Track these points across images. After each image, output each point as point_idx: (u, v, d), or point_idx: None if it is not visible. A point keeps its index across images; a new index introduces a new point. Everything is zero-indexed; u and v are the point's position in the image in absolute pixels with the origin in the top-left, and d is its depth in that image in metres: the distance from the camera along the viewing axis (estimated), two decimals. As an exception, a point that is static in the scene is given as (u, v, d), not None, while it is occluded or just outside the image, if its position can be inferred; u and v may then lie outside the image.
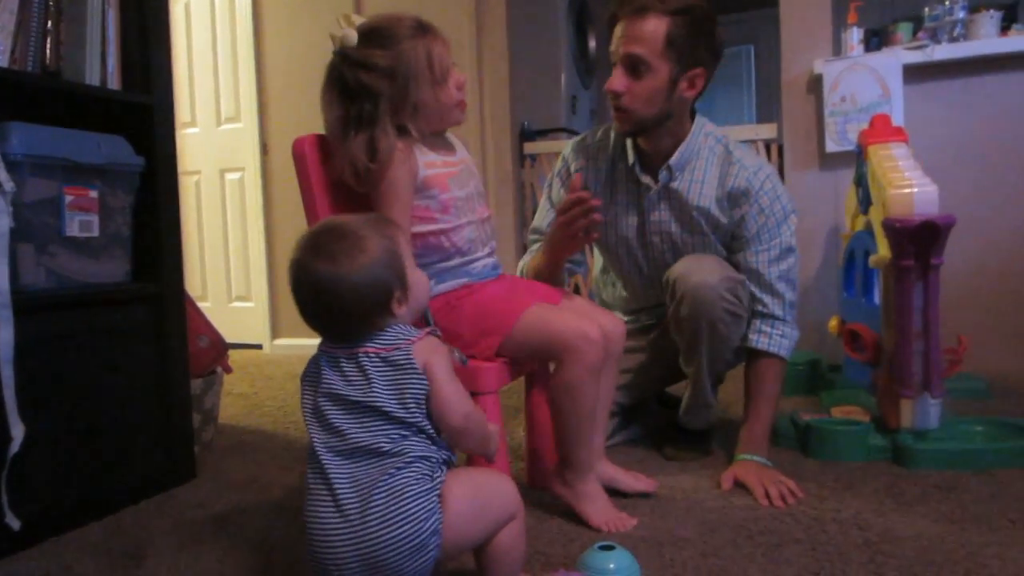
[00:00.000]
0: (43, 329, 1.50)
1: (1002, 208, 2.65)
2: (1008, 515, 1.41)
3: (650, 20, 1.61)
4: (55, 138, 1.55)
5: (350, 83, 1.35)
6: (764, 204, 1.74)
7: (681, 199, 1.77)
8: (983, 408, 2.14)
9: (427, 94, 1.38)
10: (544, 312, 1.41)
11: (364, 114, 1.34)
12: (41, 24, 1.57)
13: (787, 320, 1.76)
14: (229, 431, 2.29)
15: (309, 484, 1.02)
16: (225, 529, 1.51)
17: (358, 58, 1.35)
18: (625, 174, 1.83)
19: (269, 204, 3.88)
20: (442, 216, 1.42)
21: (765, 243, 1.75)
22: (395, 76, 1.34)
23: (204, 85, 3.99)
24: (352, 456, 1.00)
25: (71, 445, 1.56)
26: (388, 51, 1.34)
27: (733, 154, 1.76)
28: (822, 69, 2.76)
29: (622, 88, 1.65)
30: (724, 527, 1.41)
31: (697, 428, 1.88)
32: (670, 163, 1.75)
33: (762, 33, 5.92)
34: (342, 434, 1.01)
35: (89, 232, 1.63)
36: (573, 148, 1.92)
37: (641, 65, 1.62)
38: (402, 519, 0.95)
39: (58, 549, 1.44)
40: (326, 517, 0.97)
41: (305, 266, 1.04)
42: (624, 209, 1.84)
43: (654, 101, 1.66)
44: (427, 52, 1.36)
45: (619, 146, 1.84)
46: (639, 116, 1.67)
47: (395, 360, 1.03)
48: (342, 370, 1.04)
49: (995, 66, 2.63)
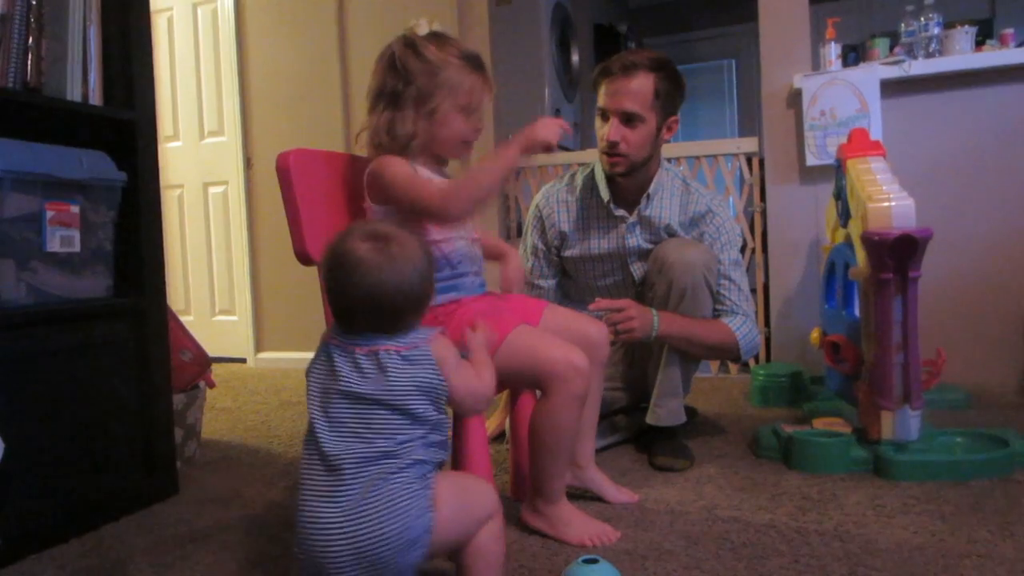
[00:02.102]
0: (24, 345, 1.49)
1: (978, 221, 2.69)
2: (987, 526, 1.42)
3: (639, 77, 1.85)
4: (36, 154, 1.54)
5: (396, 61, 1.43)
6: (719, 223, 2.01)
7: (652, 223, 2.01)
8: (962, 420, 2.16)
9: (449, 112, 1.44)
10: (530, 337, 1.41)
11: (395, 91, 1.42)
12: (22, 40, 1.56)
13: (750, 316, 1.98)
14: (212, 446, 2.27)
15: (304, 476, 1.04)
16: (208, 545, 1.50)
17: (415, 43, 1.43)
18: (597, 210, 2.05)
19: (253, 218, 3.87)
20: (435, 231, 1.45)
21: (724, 253, 1.98)
22: (434, 75, 1.41)
23: (187, 99, 3.98)
24: (353, 451, 1.02)
25: (52, 461, 1.54)
26: (441, 54, 1.42)
27: (690, 185, 2.04)
28: (801, 84, 2.80)
29: (619, 138, 1.87)
30: (707, 539, 1.42)
31: (668, 424, 1.91)
32: (648, 192, 1.98)
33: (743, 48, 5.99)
34: (346, 428, 1.03)
35: (70, 247, 1.62)
36: (543, 197, 2.13)
37: (635, 118, 1.86)
38: (398, 516, 0.99)
39: (38, 567, 1.43)
40: (322, 510, 1.00)
41: (360, 259, 1.06)
42: (598, 240, 2.06)
43: (645, 146, 1.90)
44: (471, 83, 1.45)
45: (587, 188, 2.06)
46: (632, 160, 1.91)
47: (414, 358, 1.06)
48: (358, 364, 1.06)
49: (970, 81, 2.67)
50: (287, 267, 3.49)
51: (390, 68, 1.44)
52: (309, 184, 1.46)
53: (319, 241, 1.47)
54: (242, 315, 3.92)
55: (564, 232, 2.07)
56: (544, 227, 2.09)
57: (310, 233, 1.45)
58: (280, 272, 3.76)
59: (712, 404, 2.57)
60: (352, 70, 3.63)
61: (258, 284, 3.88)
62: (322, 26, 3.65)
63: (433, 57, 1.41)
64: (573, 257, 2.08)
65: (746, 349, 1.95)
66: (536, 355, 1.38)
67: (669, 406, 1.92)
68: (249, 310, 3.88)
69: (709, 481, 1.75)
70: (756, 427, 2.06)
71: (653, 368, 1.95)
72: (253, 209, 3.86)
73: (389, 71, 1.44)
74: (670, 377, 1.91)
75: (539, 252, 2.11)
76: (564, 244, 2.08)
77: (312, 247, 1.45)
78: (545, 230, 2.09)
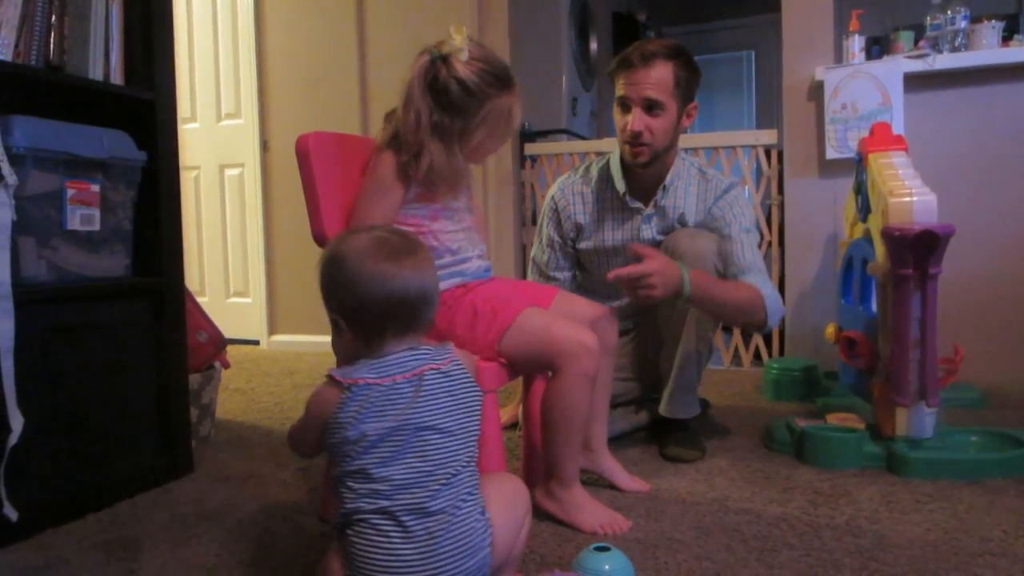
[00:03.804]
0: (43, 322, 1.50)
1: (1001, 219, 2.66)
2: (1001, 525, 1.42)
3: (658, 66, 1.83)
4: (58, 132, 1.55)
5: (440, 85, 1.38)
6: (732, 197, 1.96)
7: (667, 214, 1.99)
8: (978, 418, 2.15)
9: (486, 140, 1.45)
10: (540, 318, 1.43)
11: (443, 125, 1.40)
12: (45, 19, 1.57)
13: (768, 278, 1.91)
14: (226, 426, 2.29)
15: (363, 519, 0.97)
16: (222, 523, 1.52)
17: (458, 73, 1.37)
18: (612, 202, 2.03)
19: (268, 201, 3.88)
20: (430, 223, 1.48)
21: (737, 222, 1.92)
22: (480, 109, 1.40)
23: (205, 80, 3.99)
24: (415, 486, 0.97)
25: (69, 437, 1.56)
26: (486, 85, 1.39)
27: (707, 173, 2.01)
28: (823, 76, 2.77)
29: (643, 127, 1.85)
30: (718, 530, 1.42)
31: (683, 417, 1.92)
32: (665, 183, 1.96)
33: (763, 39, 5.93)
34: (405, 463, 0.98)
35: (90, 226, 1.63)
36: (559, 189, 2.12)
37: (657, 106, 1.84)
38: (469, 547, 0.97)
39: (55, 541, 1.45)
40: (395, 547, 0.94)
41: (392, 271, 1.03)
42: (612, 231, 2.04)
43: (668, 134, 1.89)
44: (509, 108, 1.44)
45: (603, 179, 2.05)
46: (656, 149, 1.89)
47: (453, 373, 1.05)
48: (409, 394, 1.01)
49: (996, 76, 2.64)
50: (302, 250, 3.50)
51: (433, 96, 1.39)
52: (327, 167, 1.47)
53: (337, 223, 1.47)
54: (256, 297, 3.94)
55: (580, 223, 2.06)
56: (560, 219, 2.09)
57: (328, 216, 1.46)
58: (294, 255, 3.77)
59: (725, 397, 2.57)
60: (370, 54, 3.62)
61: (272, 267, 3.89)
62: (340, 9, 3.65)
63: (478, 90, 1.38)
64: (588, 249, 2.07)
65: (772, 310, 1.84)
66: (545, 335, 1.39)
67: (683, 399, 1.92)
68: (263, 292, 3.90)
69: (721, 473, 1.75)
70: (769, 421, 2.05)
71: (666, 360, 1.95)
72: (269, 192, 3.88)
73: (432, 99, 1.39)
74: (685, 369, 1.90)
75: (555, 244, 2.11)
76: (580, 236, 2.08)
77: (330, 229, 1.46)
78: (561, 222, 2.09)
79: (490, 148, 1.50)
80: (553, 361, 1.40)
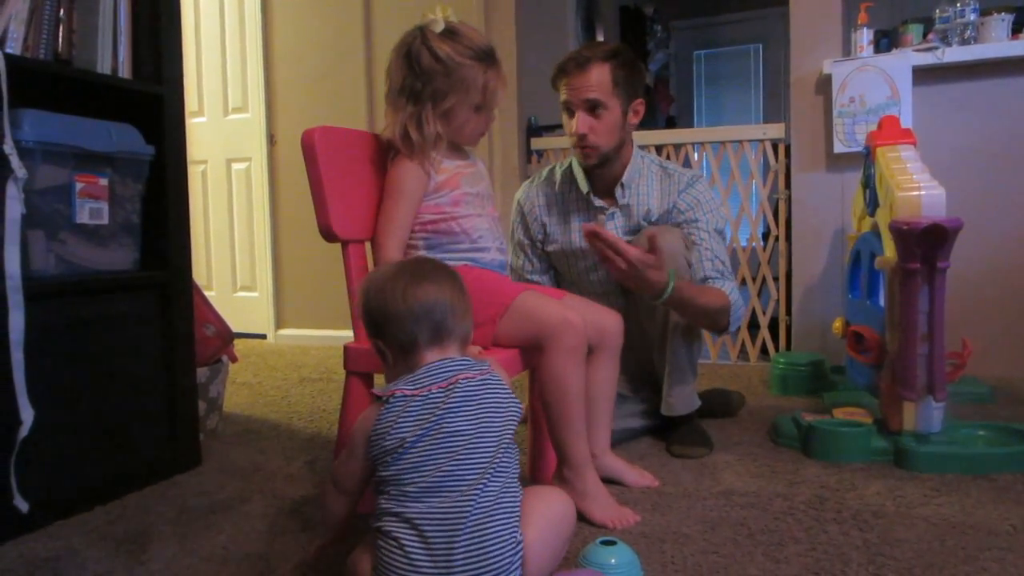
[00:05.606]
0: (52, 315, 1.51)
1: (1010, 213, 2.65)
2: (1009, 520, 1.41)
3: (595, 69, 1.87)
4: (67, 126, 1.56)
5: (413, 55, 1.50)
6: (697, 192, 1.97)
7: (631, 212, 2.00)
8: (986, 413, 2.14)
9: (462, 110, 1.52)
10: (534, 299, 1.46)
11: (414, 89, 1.50)
12: (54, 13, 1.58)
13: (735, 283, 1.94)
14: (234, 419, 2.30)
15: (384, 526, 0.99)
16: (229, 516, 1.52)
17: (431, 42, 1.49)
18: (577, 203, 2.05)
19: (275, 195, 3.89)
20: (452, 209, 1.54)
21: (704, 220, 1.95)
22: (449, 76, 1.49)
23: (212, 75, 4.00)
24: (440, 492, 0.98)
25: (78, 430, 1.57)
26: (456, 54, 1.49)
27: (667, 168, 2.03)
28: (831, 69, 2.76)
29: (587, 129, 1.88)
30: (725, 525, 1.42)
31: (683, 413, 1.91)
32: (622, 181, 1.97)
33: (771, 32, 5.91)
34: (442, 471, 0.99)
35: (99, 220, 1.64)
36: (523, 193, 2.14)
37: (599, 106, 1.87)
38: (492, 565, 0.96)
39: (64, 532, 1.46)
40: (414, 558, 0.95)
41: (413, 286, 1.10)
42: (578, 233, 2.04)
43: (613, 133, 1.91)
44: (485, 79, 1.52)
45: (566, 181, 2.07)
46: (603, 149, 1.91)
47: (489, 383, 1.08)
48: (443, 402, 1.03)
49: (1005, 69, 2.62)
50: (308, 245, 3.52)
51: (407, 64, 1.50)
52: (334, 161, 1.47)
53: (343, 217, 1.48)
54: (263, 291, 3.95)
55: (545, 223, 2.07)
56: (527, 222, 2.10)
57: (335, 209, 1.46)
58: (301, 250, 3.78)
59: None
60: (377, 48, 3.62)
61: (279, 261, 3.90)
62: (348, 4, 3.64)
63: (447, 57, 1.48)
64: (556, 252, 2.08)
65: (736, 316, 1.89)
66: (533, 315, 1.43)
67: (681, 394, 1.91)
68: (270, 287, 3.92)
69: (727, 467, 1.75)
70: (775, 415, 2.05)
71: (658, 357, 1.94)
72: (275, 186, 3.89)
73: (407, 67, 1.50)
74: (678, 365, 1.90)
75: (525, 247, 2.12)
76: (547, 239, 2.08)
77: (336, 223, 1.46)
78: (528, 225, 2.10)
79: (468, 119, 1.54)
80: (540, 341, 1.42)
